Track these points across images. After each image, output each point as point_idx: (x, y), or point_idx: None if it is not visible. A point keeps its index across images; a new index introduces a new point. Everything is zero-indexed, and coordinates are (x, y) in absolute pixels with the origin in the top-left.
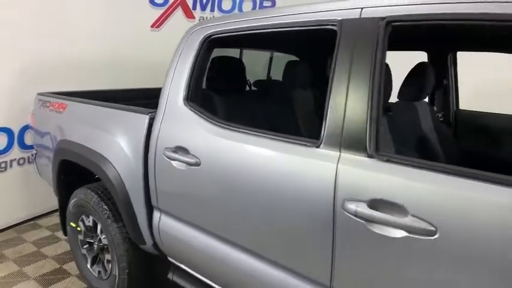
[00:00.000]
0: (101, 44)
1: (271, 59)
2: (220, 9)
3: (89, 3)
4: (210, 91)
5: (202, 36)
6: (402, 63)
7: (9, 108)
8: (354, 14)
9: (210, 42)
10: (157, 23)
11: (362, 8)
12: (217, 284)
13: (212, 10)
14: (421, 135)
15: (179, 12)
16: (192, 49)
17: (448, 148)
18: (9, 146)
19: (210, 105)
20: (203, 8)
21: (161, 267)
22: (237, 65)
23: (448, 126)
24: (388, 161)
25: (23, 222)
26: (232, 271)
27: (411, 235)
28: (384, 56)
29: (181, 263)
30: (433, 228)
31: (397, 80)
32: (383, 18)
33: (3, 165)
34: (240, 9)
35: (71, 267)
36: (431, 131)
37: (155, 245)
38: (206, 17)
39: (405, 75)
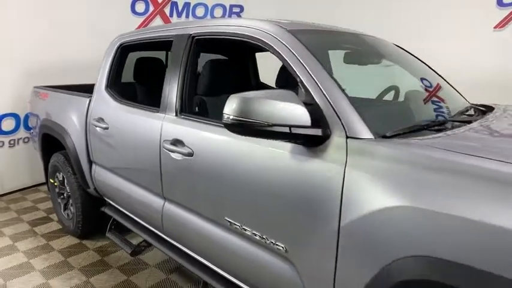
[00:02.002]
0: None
1: (166, 57)
2: (194, 15)
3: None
4: (122, 82)
5: (118, 44)
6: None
7: (16, 98)
8: (182, 32)
9: (123, 49)
10: None
11: (180, 30)
12: (125, 209)
13: (187, 16)
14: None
15: (158, 20)
16: (111, 53)
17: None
18: (16, 128)
19: (120, 91)
20: (179, 15)
21: (100, 204)
22: (146, 63)
23: None
24: (182, 117)
25: (27, 188)
26: (133, 199)
27: (184, 157)
28: (194, 57)
29: (109, 199)
30: (191, 151)
31: None
32: (192, 36)
33: (12, 142)
34: (212, 15)
35: (54, 216)
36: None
37: (95, 188)
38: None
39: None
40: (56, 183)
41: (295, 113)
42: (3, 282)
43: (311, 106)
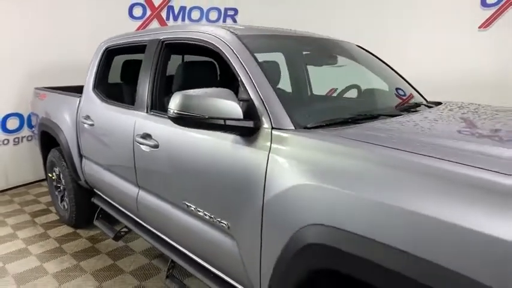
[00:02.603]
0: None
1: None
2: (189, 18)
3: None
4: (109, 83)
5: (104, 48)
6: None
7: (20, 98)
8: (154, 38)
9: (108, 52)
10: None
11: (149, 35)
12: (109, 198)
13: (183, 20)
14: None
15: (155, 23)
16: (97, 57)
17: None
18: (20, 126)
19: (106, 91)
20: (175, 19)
21: (91, 195)
22: (131, 65)
23: None
24: (152, 114)
25: (31, 183)
26: (115, 188)
27: (151, 149)
28: (164, 59)
29: (97, 190)
30: (157, 143)
31: None
32: (162, 41)
33: (16, 140)
34: (207, 19)
35: (53, 208)
36: None
37: (85, 180)
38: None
39: None
40: (53, 177)
41: (228, 107)
42: (2, 265)
43: (247, 102)
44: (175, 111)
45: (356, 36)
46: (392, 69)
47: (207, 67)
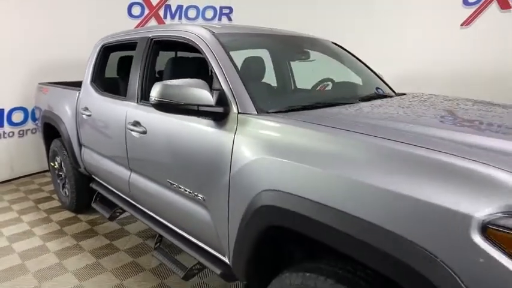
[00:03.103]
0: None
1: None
2: (186, 17)
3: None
4: (106, 77)
5: (100, 45)
6: None
7: (24, 94)
8: (144, 35)
9: (105, 49)
10: None
11: (140, 33)
12: (105, 182)
13: (180, 18)
14: None
15: (153, 22)
16: (95, 53)
17: None
18: (25, 120)
19: (103, 84)
20: (172, 17)
21: (89, 181)
22: (126, 61)
23: None
24: (141, 104)
25: (35, 173)
26: (110, 173)
27: (140, 134)
28: (153, 55)
29: (95, 176)
30: (145, 130)
31: None
32: (151, 39)
33: (21, 132)
34: (204, 17)
35: (56, 196)
36: None
37: (85, 167)
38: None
39: None
40: (55, 166)
41: (201, 95)
42: (8, 243)
43: (219, 91)
44: (156, 98)
45: (344, 34)
46: (365, 64)
47: (193, 62)
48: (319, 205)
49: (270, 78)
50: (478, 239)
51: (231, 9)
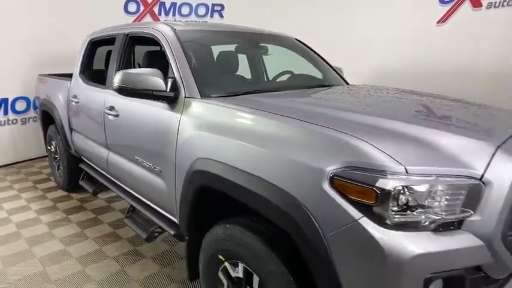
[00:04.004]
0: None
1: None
2: (180, 13)
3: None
4: (95, 69)
5: (88, 40)
6: None
7: (26, 84)
8: (121, 32)
9: (92, 43)
10: None
11: (119, 30)
12: (96, 165)
13: (174, 15)
14: None
15: (148, 18)
16: (83, 47)
17: None
18: (27, 108)
19: (90, 75)
20: (167, 14)
21: (79, 162)
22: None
23: None
24: (114, 90)
25: (36, 158)
26: (93, 153)
27: (114, 117)
28: (129, 49)
29: (83, 157)
30: (118, 113)
31: None
32: (126, 34)
33: (23, 120)
34: (196, 14)
35: (51, 178)
36: None
37: (75, 150)
38: (169, 20)
39: None
40: (51, 150)
41: (155, 82)
42: (7, 215)
43: (172, 79)
44: (117, 84)
45: (327, 31)
46: (323, 58)
47: (164, 55)
48: (233, 168)
49: (244, 70)
50: (327, 187)
51: (222, 6)
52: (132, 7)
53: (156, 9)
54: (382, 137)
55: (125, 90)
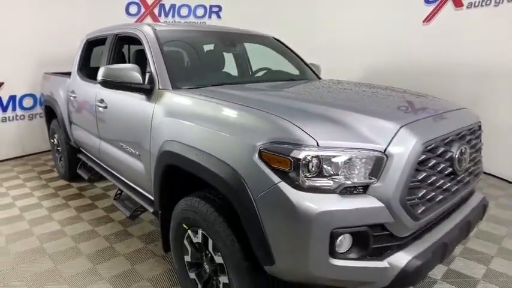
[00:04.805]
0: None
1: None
2: (179, 15)
3: None
4: (91, 66)
5: (85, 40)
6: None
7: (33, 82)
8: (112, 32)
9: (89, 43)
10: None
11: (111, 30)
12: (90, 154)
13: (173, 16)
14: None
15: (148, 20)
16: (81, 46)
17: None
18: (34, 105)
19: (87, 73)
20: (166, 15)
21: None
22: None
23: None
24: (99, 83)
25: (43, 152)
26: (87, 142)
27: (104, 109)
28: (118, 48)
29: (81, 147)
30: (106, 105)
31: None
32: (116, 35)
33: (31, 116)
34: (195, 15)
35: (55, 169)
36: None
37: (74, 141)
38: (168, 21)
39: None
40: (54, 142)
41: (133, 76)
42: (12, 201)
43: (149, 73)
44: (101, 77)
45: (329, 33)
46: (297, 55)
47: None
48: (189, 147)
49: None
50: (256, 158)
51: (220, 7)
52: (133, 9)
53: (156, 11)
54: (305, 118)
55: (108, 83)
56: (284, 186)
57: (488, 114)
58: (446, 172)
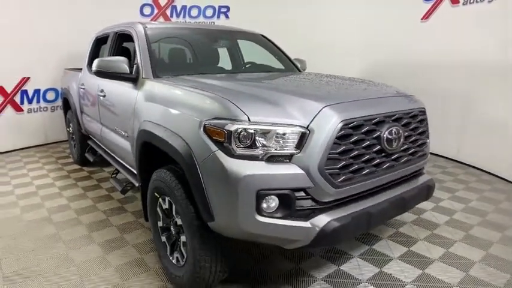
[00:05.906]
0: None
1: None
2: (189, 15)
3: None
4: None
5: (94, 38)
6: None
7: (56, 77)
8: (113, 31)
9: (97, 40)
10: None
11: (113, 29)
12: (95, 139)
13: (184, 16)
14: None
15: (161, 20)
16: (91, 43)
17: None
18: (56, 98)
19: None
20: (178, 16)
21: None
22: None
23: None
24: (94, 73)
25: (63, 141)
26: (93, 129)
27: (103, 97)
28: (118, 44)
29: (89, 134)
30: (105, 94)
31: None
32: (116, 32)
33: (53, 108)
34: (204, 15)
35: (70, 155)
36: None
37: (84, 129)
38: (179, 21)
39: None
40: (70, 131)
41: (121, 67)
42: (31, 180)
43: (136, 64)
44: (95, 68)
45: (333, 32)
46: (281, 51)
47: None
48: (156, 125)
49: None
50: (201, 132)
51: (228, 8)
52: (147, 10)
53: (168, 12)
54: (245, 99)
55: (101, 73)
56: (220, 154)
57: (483, 108)
58: (375, 149)
